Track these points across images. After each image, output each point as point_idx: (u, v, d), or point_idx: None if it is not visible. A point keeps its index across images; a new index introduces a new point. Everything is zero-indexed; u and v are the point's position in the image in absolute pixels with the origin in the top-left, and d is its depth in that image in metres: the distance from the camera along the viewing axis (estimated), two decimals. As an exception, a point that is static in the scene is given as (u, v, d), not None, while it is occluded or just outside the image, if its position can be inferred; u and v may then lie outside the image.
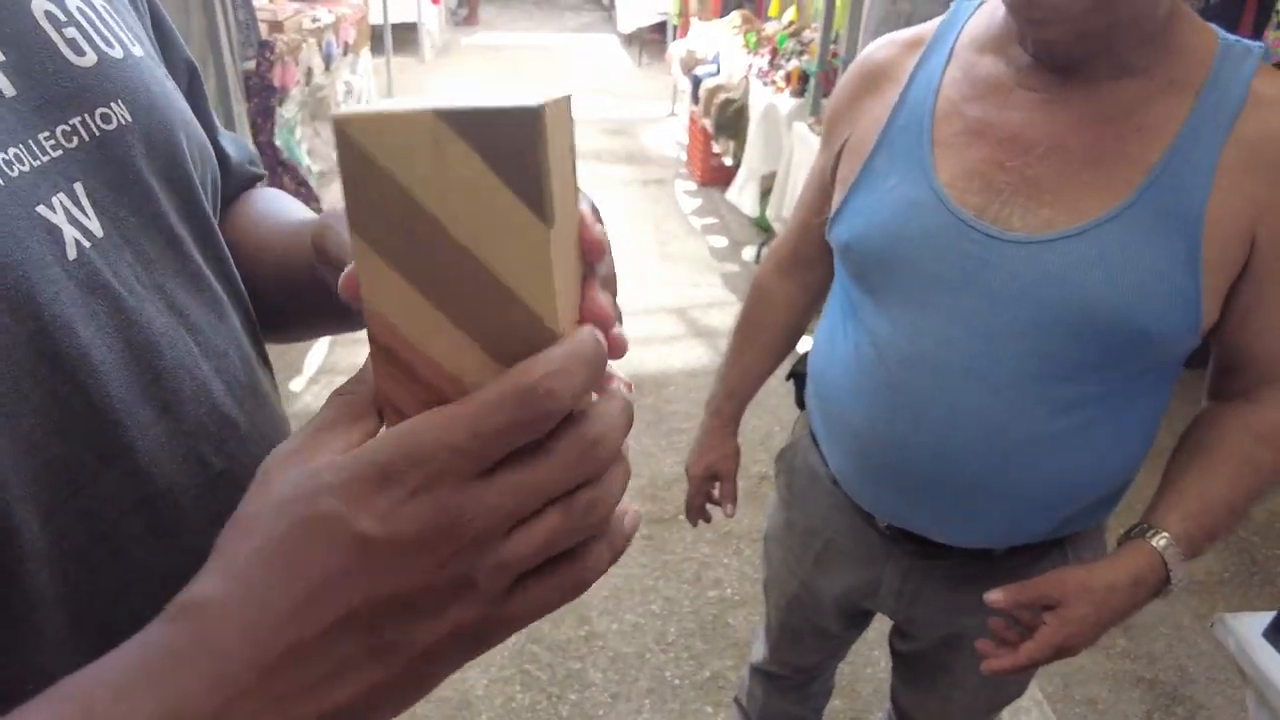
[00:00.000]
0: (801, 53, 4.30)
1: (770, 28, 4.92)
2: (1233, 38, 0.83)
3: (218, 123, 0.62)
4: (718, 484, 1.28)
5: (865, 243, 0.93)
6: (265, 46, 3.40)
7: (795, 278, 1.17)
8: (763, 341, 1.22)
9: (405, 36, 7.77)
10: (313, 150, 4.88)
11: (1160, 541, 0.87)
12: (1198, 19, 0.85)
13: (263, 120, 3.37)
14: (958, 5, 0.96)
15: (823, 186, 1.05)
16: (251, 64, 3.39)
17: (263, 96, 3.37)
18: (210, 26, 3.04)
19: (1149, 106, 0.82)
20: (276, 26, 4.39)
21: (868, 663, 2.05)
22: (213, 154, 0.54)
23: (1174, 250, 0.81)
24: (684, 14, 6.79)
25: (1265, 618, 1.17)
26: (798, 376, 1.19)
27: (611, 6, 9.64)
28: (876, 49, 1.00)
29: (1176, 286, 0.81)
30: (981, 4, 0.94)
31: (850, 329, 0.98)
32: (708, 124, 4.70)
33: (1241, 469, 0.90)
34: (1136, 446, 0.93)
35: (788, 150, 3.73)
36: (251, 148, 0.68)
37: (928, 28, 0.97)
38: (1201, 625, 2.25)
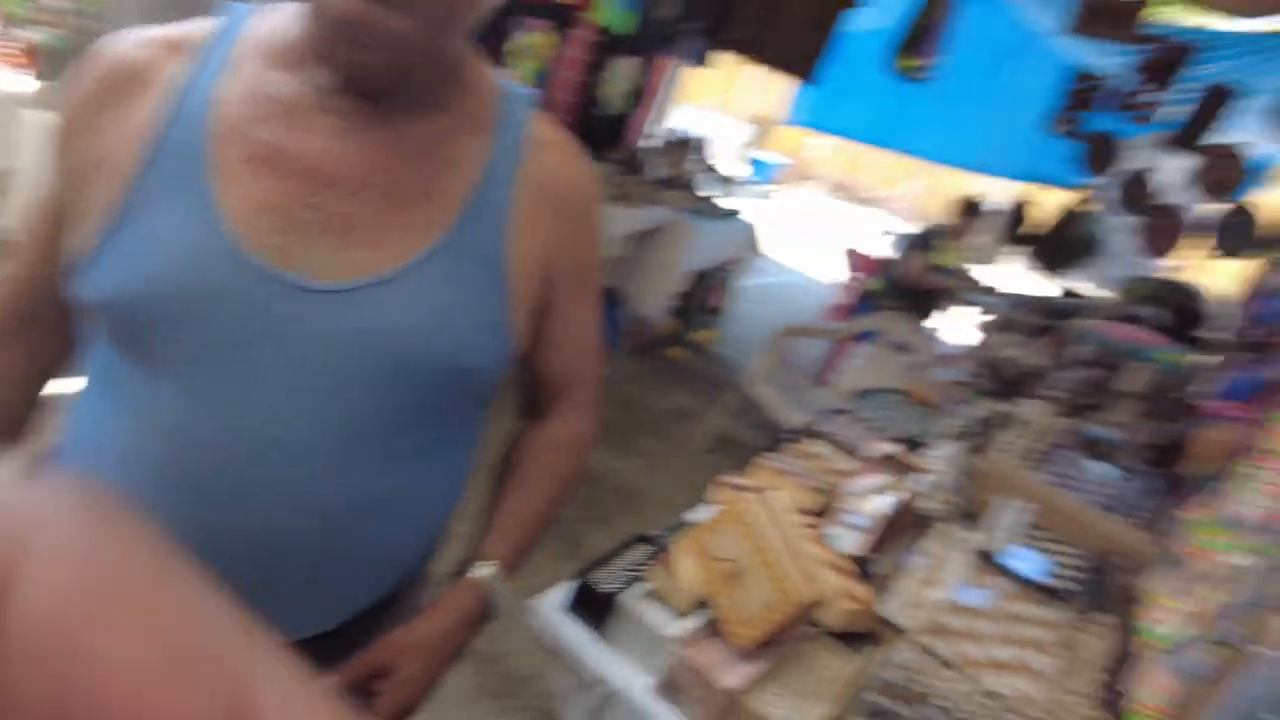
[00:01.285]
0: (51, 24, 3.49)
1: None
2: (504, 80, 0.87)
3: None
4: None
5: (134, 299, 0.72)
6: None
7: (22, 345, 0.87)
8: None
9: None
10: None
11: (484, 571, 0.90)
12: (479, 59, 0.85)
13: None
14: (230, 8, 0.81)
15: (58, 222, 0.79)
16: None
17: None
18: None
19: (456, 143, 0.80)
20: None
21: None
22: None
23: (486, 287, 0.81)
24: None
25: (565, 591, 1.24)
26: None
27: None
28: (128, 46, 0.77)
29: (492, 322, 0.82)
30: (257, 11, 0.81)
31: (117, 410, 0.77)
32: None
33: (545, 481, 0.98)
34: (462, 484, 0.94)
35: (24, 146, 2.99)
36: None
37: (193, 30, 0.79)
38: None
